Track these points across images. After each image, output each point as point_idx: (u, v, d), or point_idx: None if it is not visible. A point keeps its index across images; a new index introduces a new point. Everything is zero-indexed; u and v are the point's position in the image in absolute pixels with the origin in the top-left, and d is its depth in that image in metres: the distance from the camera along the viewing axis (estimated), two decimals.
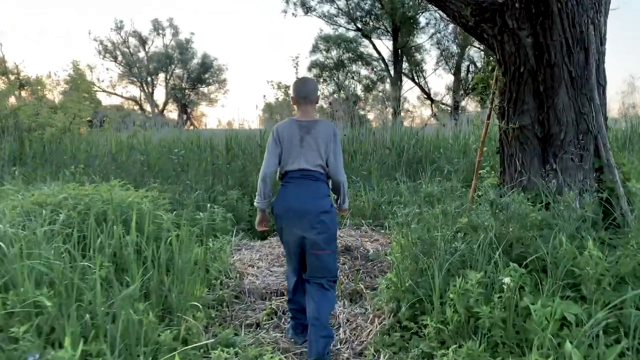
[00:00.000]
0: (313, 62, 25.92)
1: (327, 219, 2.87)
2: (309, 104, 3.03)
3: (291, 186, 2.92)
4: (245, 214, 6.11)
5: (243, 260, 4.67)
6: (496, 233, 3.05)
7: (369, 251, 4.62)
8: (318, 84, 3.32)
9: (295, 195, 2.89)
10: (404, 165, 7.88)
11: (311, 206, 2.85)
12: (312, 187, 2.91)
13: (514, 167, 4.20)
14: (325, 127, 3.00)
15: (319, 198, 2.89)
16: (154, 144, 8.48)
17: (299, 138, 2.94)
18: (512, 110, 4.13)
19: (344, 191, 3.10)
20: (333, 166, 2.97)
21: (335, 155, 2.99)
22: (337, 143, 3.00)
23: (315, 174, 2.93)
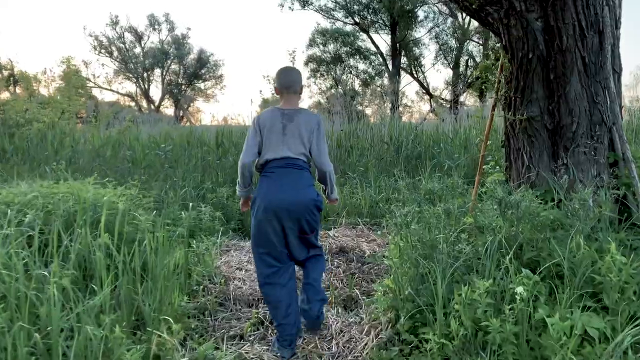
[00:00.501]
0: (310, 56, 25.55)
1: (314, 209, 2.83)
2: (293, 94, 2.95)
3: (275, 177, 2.80)
4: (235, 212, 5.80)
5: (231, 262, 4.36)
6: (505, 235, 2.75)
7: (366, 252, 4.32)
8: (302, 75, 3.18)
9: (279, 185, 2.78)
10: (403, 161, 7.57)
11: (300, 197, 2.78)
12: (297, 177, 2.82)
13: (522, 161, 3.90)
14: (308, 116, 2.93)
15: (306, 187, 2.82)
16: (144, 140, 8.15)
17: (281, 126, 2.86)
18: (519, 100, 3.82)
19: (331, 181, 3.03)
20: (317, 155, 2.90)
21: (319, 145, 2.90)
22: (320, 132, 2.92)
23: (299, 163, 2.85)
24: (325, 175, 2.98)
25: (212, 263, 3.92)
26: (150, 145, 7.65)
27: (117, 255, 2.83)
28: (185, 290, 3.39)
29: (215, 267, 3.94)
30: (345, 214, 5.71)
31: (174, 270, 3.45)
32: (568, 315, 2.21)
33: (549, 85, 3.70)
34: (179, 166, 6.70)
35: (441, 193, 4.47)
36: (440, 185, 4.61)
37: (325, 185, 3.07)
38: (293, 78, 2.97)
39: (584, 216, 2.86)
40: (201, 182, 6.36)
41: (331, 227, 5.39)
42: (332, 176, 3.03)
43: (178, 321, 2.90)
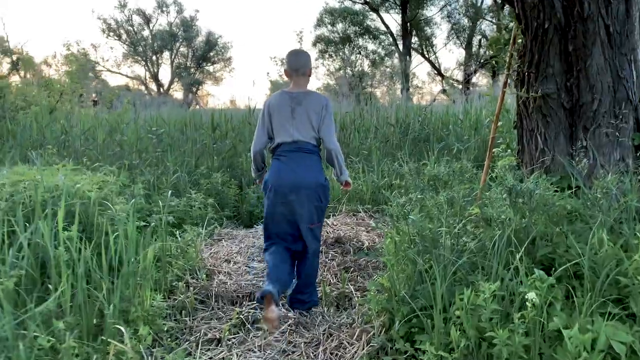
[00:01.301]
0: (318, 36, 24.90)
1: (322, 193, 2.90)
2: (301, 76, 2.99)
3: (285, 159, 2.88)
4: (230, 198, 5.50)
5: (219, 254, 4.07)
6: (515, 227, 2.40)
7: (364, 243, 3.99)
8: (311, 57, 3.18)
9: (290, 169, 2.86)
10: (409, 144, 7.19)
11: (308, 180, 2.84)
12: (306, 161, 2.89)
13: (535, 144, 3.53)
14: (317, 98, 2.96)
15: (314, 171, 2.89)
16: (139, 123, 7.84)
17: (290, 109, 2.91)
18: (533, 75, 3.43)
19: (338, 161, 3.02)
20: (324, 133, 2.93)
21: (327, 125, 2.94)
22: (328, 112, 2.95)
23: (309, 146, 2.91)
24: (332, 155, 2.97)
25: (197, 255, 3.63)
26: (148, 129, 7.34)
27: (82, 251, 2.54)
28: (164, 287, 3.10)
29: (200, 259, 3.64)
30: (345, 201, 5.38)
31: (154, 263, 3.17)
32: (589, 326, 1.87)
33: (567, 58, 3.31)
34: (173, 150, 6.40)
35: (447, 178, 4.11)
36: (447, 169, 4.25)
37: (332, 166, 3.07)
38: (302, 60, 3.00)
39: (607, 207, 2.50)
40: (196, 167, 6.05)
41: (330, 215, 5.07)
42: (339, 155, 3.02)
43: (149, 323, 2.62)
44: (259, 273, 3.62)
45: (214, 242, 4.56)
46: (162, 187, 5.30)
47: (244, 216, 5.50)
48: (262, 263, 3.82)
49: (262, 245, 4.28)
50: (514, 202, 2.43)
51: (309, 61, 3.07)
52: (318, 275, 3.22)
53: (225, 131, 7.13)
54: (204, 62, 41.70)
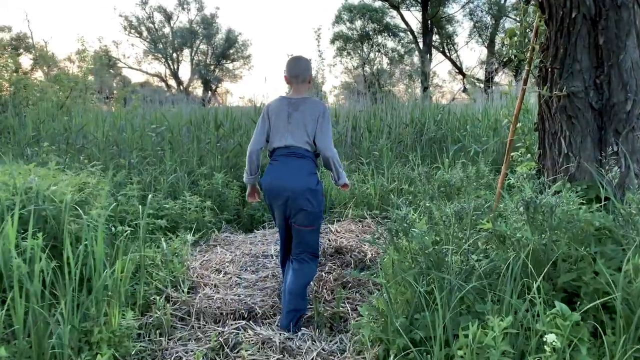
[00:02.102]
0: (336, 33, 24.46)
1: (311, 197, 2.83)
2: (300, 83, 3.00)
3: (277, 164, 2.91)
4: (231, 201, 5.21)
5: (210, 262, 3.78)
6: (533, 248, 2.04)
7: (367, 255, 3.65)
8: (311, 64, 3.17)
9: (280, 173, 2.87)
10: (424, 145, 6.82)
11: (296, 184, 2.81)
12: (296, 165, 2.87)
13: (558, 148, 3.15)
14: (314, 105, 2.95)
15: (303, 175, 2.85)
16: (146, 120, 7.60)
17: (286, 114, 2.93)
18: (557, 72, 3.05)
19: (335, 166, 2.99)
20: (320, 141, 2.90)
21: (323, 131, 2.91)
22: (325, 119, 2.92)
23: (301, 151, 2.89)
24: (329, 161, 2.95)
25: (182, 265, 3.34)
26: (152, 126, 7.10)
27: (43, 262, 2.26)
28: (140, 302, 2.81)
29: (185, 269, 3.35)
30: (352, 205, 5.04)
31: (134, 274, 2.89)
32: None
33: (597, 52, 2.92)
34: (175, 149, 6.14)
35: (460, 184, 3.75)
36: (461, 174, 3.89)
37: (331, 171, 3.05)
38: (301, 67, 3.00)
39: None
40: (199, 166, 5.77)
41: (335, 221, 4.75)
42: (336, 161, 2.99)
43: (115, 345, 2.34)
44: (250, 285, 3.32)
45: (208, 248, 4.28)
46: (159, 188, 5.04)
47: (244, 220, 5.21)
48: (255, 274, 3.52)
49: (258, 252, 4.00)
50: (532, 218, 2.07)
51: (309, 68, 3.05)
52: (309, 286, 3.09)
53: (231, 129, 6.84)
54: (223, 60, 41.71)
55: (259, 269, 3.63)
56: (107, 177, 4.68)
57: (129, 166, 5.55)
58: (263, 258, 3.87)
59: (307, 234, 2.91)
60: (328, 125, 2.94)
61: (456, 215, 2.31)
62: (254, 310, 2.89)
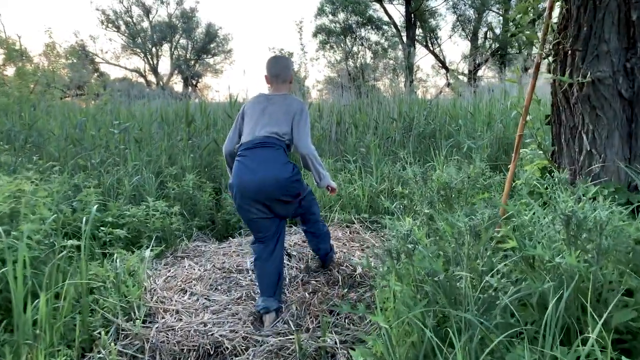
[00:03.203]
0: (318, 26, 23.86)
1: (292, 187, 2.72)
2: (281, 83, 2.92)
3: (245, 160, 2.71)
4: (203, 205, 4.68)
5: (176, 279, 3.26)
6: (576, 274, 1.58)
7: (356, 270, 3.17)
8: (292, 63, 3.06)
9: (250, 169, 2.67)
10: (413, 141, 6.35)
11: (270, 178, 2.64)
12: (268, 155, 2.70)
13: (579, 144, 2.70)
14: (292, 101, 2.85)
15: (277, 165, 2.68)
16: (111, 115, 6.99)
17: (261, 107, 2.84)
18: (579, 54, 2.59)
19: (314, 166, 2.84)
20: (296, 137, 2.76)
21: (300, 128, 2.77)
22: (302, 118, 2.80)
23: (271, 140, 2.73)
24: (306, 159, 2.81)
25: (139, 287, 2.81)
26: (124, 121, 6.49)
27: None
28: (79, 340, 2.29)
29: (143, 291, 2.83)
30: (338, 209, 4.56)
31: (76, 302, 2.37)
32: None
33: (629, 30, 2.47)
34: (143, 147, 5.58)
35: (461, 186, 3.29)
36: (459, 174, 3.43)
37: (311, 172, 2.89)
38: (280, 66, 2.92)
39: None
40: (169, 166, 5.21)
41: None
42: (315, 159, 2.83)
43: None
44: (220, 309, 2.81)
45: (175, 261, 3.76)
46: (121, 192, 4.50)
47: (219, 226, 4.69)
48: (226, 294, 3.01)
49: (232, 266, 3.50)
50: (574, 237, 1.60)
51: (290, 68, 2.96)
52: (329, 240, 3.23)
53: (205, 124, 6.29)
54: (203, 54, 40.91)
55: (231, 287, 3.12)
56: (61, 180, 4.13)
57: (90, 167, 4.99)
58: (237, 273, 3.36)
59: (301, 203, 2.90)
60: (306, 123, 2.80)
61: (471, 230, 1.83)
62: (221, 345, 2.38)
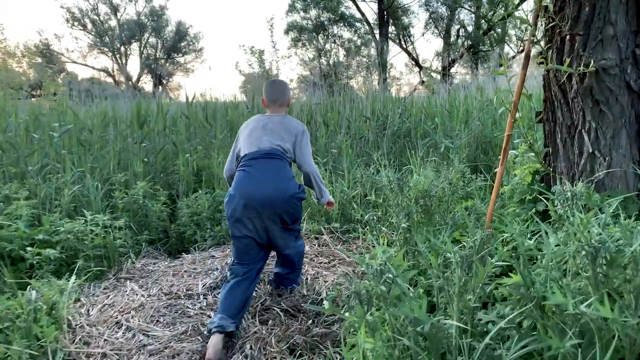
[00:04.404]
0: (290, 23, 23.32)
1: (297, 202, 2.68)
2: (278, 106, 2.93)
3: (251, 170, 2.63)
4: (155, 216, 4.17)
5: (113, 308, 2.77)
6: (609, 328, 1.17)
7: (321, 294, 2.72)
8: (288, 87, 3.04)
9: (257, 180, 2.59)
10: (388, 141, 5.95)
11: (279, 192, 2.58)
12: (274, 169, 2.64)
13: (579, 145, 2.32)
14: (292, 121, 2.89)
15: (285, 180, 2.63)
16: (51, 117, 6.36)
17: (262, 124, 2.82)
18: (580, 40, 2.20)
19: (317, 183, 2.88)
20: (300, 157, 2.79)
21: (302, 147, 2.80)
22: (305, 138, 2.83)
23: (277, 152, 2.70)
24: (310, 177, 2.84)
25: (58, 326, 2.31)
26: (75, 124, 5.89)
27: None
28: None
29: (70, 327, 2.33)
30: (306, 218, 4.11)
31: None
32: None
33: (639, 10, 2.09)
34: (91, 152, 5.03)
35: (442, 194, 2.88)
36: (438, 179, 3.03)
37: (312, 189, 2.93)
38: (279, 91, 2.94)
39: None
40: (120, 173, 4.67)
41: None
42: (318, 177, 2.88)
43: None
44: (160, 349, 2.33)
45: (118, 284, 3.26)
46: (59, 203, 3.96)
47: (172, 239, 4.19)
48: (169, 328, 2.54)
49: (180, 290, 3.03)
50: (605, 276, 1.19)
51: (287, 91, 2.98)
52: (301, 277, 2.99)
53: (162, 126, 5.76)
54: (174, 53, 40.02)
55: (176, 319, 2.64)
56: None
57: (27, 175, 4.42)
58: (185, 299, 2.88)
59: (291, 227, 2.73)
60: (308, 143, 2.84)
61: (462, 262, 1.40)
62: None
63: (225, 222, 4.08)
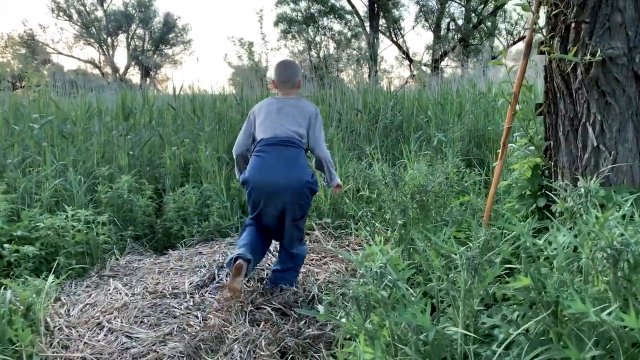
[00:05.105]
0: (280, 15, 23.07)
1: (308, 192, 2.69)
2: (290, 88, 2.89)
3: (267, 156, 2.66)
4: (141, 211, 4.03)
5: (95, 308, 2.64)
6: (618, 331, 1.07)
7: (311, 292, 2.60)
8: (299, 68, 3.05)
9: (271, 166, 2.63)
10: (380, 134, 5.84)
11: (292, 179, 2.62)
12: (289, 155, 2.66)
13: (583, 138, 2.22)
14: (307, 105, 2.86)
15: (300, 167, 2.66)
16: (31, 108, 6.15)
17: (276, 108, 2.80)
18: (586, 28, 2.10)
19: (328, 168, 2.85)
20: (313, 142, 2.78)
21: (315, 131, 2.78)
22: (318, 121, 2.81)
23: (294, 140, 2.69)
24: (322, 162, 2.83)
25: (35, 329, 2.18)
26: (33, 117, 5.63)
27: None
28: None
29: (48, 329, 2.20)
30: None
31: None
32: None
33: None
34: (74, 144, 4.86)
35: (439, 189, 2.78)
36: (435, 174, 2.92)
37: (322, 172, 2.91)
38: (290, 72, 2.92)
39: None
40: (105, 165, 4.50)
41: None
42: (330, 162, 2.87)
43: None
44: (143, 353, 2.21)
45: (100, 282, 3.14)
46: (40, 198, 3.80)
47: (158, 235, 4.06)
48: (153, 329, 2.41)
49: (166, 288, 2.91)
50: (628, 280, 1.09)
51: (298, 73, 2.95)
52: None
53: (148, 118, 5.59)
54: (162, 45, 39.53)
55: (161, 319, 2.51)
56: None
57: (5, 168, 4.25)
58: (172, 298, 2.76)
59: (300, 224, 2.79)
60: (321, 127, 2.82)
61: (468, 264, 1.30)
62: None
63: (212, 217, 3.96)
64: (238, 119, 5.99)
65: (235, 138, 2.91)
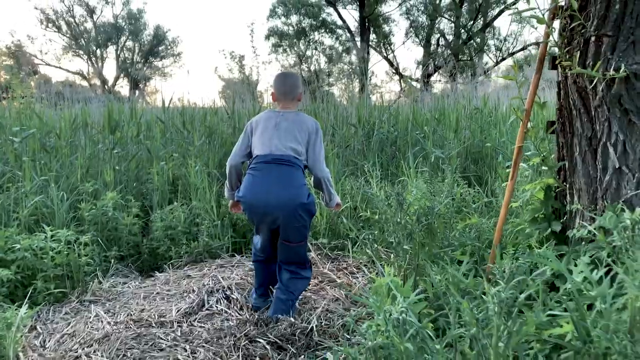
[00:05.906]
0: (271, 29, 23.03)
1: (304, 214, 2.57)
2: (290, 100, 2.76)
3: (259, 175, 2.57)
4: (126, 230, 3.81)
5: (74, 339, 2.43)
6: None
7: (309, 325, 2.41)
8: (300, 80, 2.90)
9: (263, 185, 2.54)
10: (375, 150, 5.69)
11: (284, 199, 2.51)
12: (282, 174, 2.54)
13: (603, 160, 2.07)
14: (306, 119, 2.72)
15: (293, 188, 2.54)
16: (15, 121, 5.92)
17: (274, 122, 2.67)
18: (608, 42, 1.97)
19: (327, 188, 2.75)
20: (312, 160, 2.66)
21: (315, 149, 2.67)
22: (318, 137, 2.69)
23: (289, 158, 2.56)
24: (321, 182, 2.73)
25: None
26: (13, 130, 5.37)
27: None
28: None
29: None
30: None
31: None
32: None
33: None
34: (57, 158, 4.64)
35: (444, 210, 2.61)
36: (440, 196, 2.76)
37: (322, 192, 2.82)
38: (290, 84, 2.78)
39: None
40: (88, 182, 4.28)
41: None
42: (329, 182, 2.77)
43: None
44: None
45: (81, 308, 2.92)
46: (18, 217, 3.57)
47: (145, 255, 3.83)
48: None
49: (152, 316, 2.70)
50: None
51: (298, 85, 2.82)
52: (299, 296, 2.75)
53: (135, 131, 5.39)
54: (151, 57, 39.39)
55: (145, 351, 2.30)
56: None
57: None
58: (157, 327, 2.55)
59: (295, 248, 2.68)
60: (321, 144, 2.70)
61: (501, 310, 1.12)
62: None
63: (202, 237, 3.76)
64: (229, 133, 5.82)
65: (226, 153, 2.77)
